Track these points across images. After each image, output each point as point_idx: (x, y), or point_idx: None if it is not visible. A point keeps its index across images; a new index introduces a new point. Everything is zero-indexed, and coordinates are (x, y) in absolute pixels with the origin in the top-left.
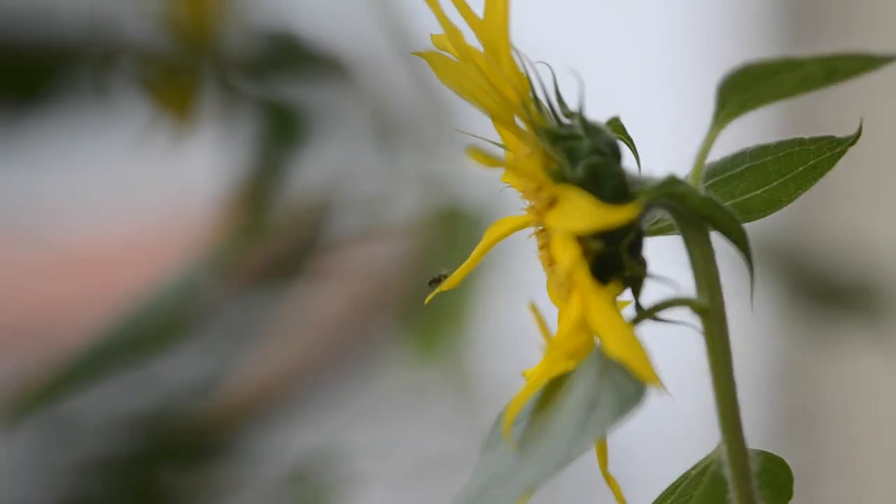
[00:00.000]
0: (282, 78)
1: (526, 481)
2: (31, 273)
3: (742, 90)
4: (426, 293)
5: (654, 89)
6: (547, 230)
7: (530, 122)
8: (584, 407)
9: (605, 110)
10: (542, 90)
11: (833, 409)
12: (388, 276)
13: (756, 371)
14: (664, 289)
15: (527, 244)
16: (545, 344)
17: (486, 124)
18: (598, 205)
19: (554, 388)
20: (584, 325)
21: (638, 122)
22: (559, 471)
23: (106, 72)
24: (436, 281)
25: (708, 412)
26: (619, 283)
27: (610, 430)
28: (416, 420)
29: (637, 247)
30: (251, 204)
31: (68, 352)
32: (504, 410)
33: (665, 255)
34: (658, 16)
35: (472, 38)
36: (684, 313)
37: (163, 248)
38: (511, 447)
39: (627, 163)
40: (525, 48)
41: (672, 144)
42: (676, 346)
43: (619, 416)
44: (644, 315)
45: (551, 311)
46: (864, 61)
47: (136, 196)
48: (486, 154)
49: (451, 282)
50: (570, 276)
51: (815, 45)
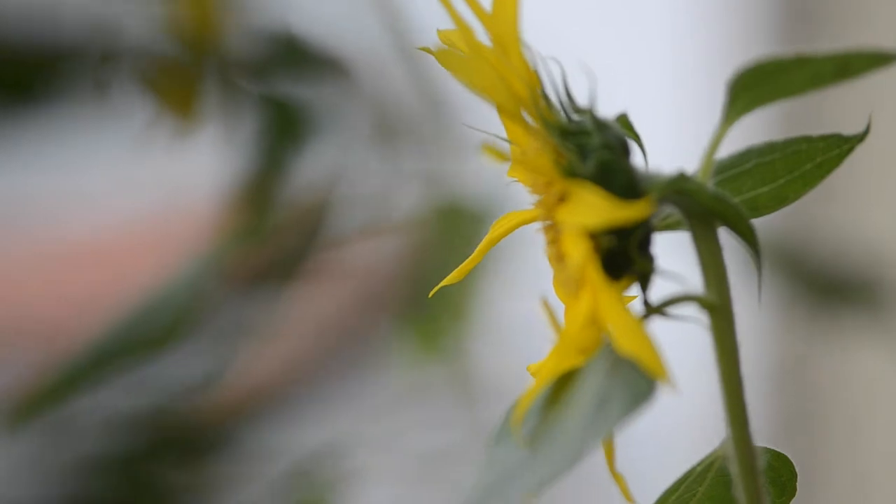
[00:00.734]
0: (283, 78)
1: (538, 478)
2: (32, 271)
3: (752, 87)
4: (426, 290)
5: (661, 86)
6: (556, 226)
7: (540, 118)
8: (594, 403)
9: (612, 107)
10: (552, 86)
11: (837, 405)
12: (388, 273)
13: (760, 367)
14: (672, 285)
15: (527, 239)
16: (555, 339)
17: (487, 122)
18: (611, 201)
19: (563, 385)
20: (595, 320)
21: (645, 119)
22: (572, 467)
23: (107, 70)
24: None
25: (713, 408)
26: (628, 278)
27: (621, 426)
28: (417, 416)
29: (646, 243)
30: (252, 202)
31: (69, 353)
32: (513, 406)
33: (673, 251)
34: (665, 12)
35: (481, 33)
36: (692, 309)
37: (164, 246)
38: (521, 444)
39: (635, 159)
40: (534, 44)
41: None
42: (683, 342)
43: (629, 413)
44: (652, 311)
45: (556, 307)
46: (876, 58)
47: (138, 194)
48: (499, 150)
49: (456, 276)
50: (581, 272)
51: (819, 43)
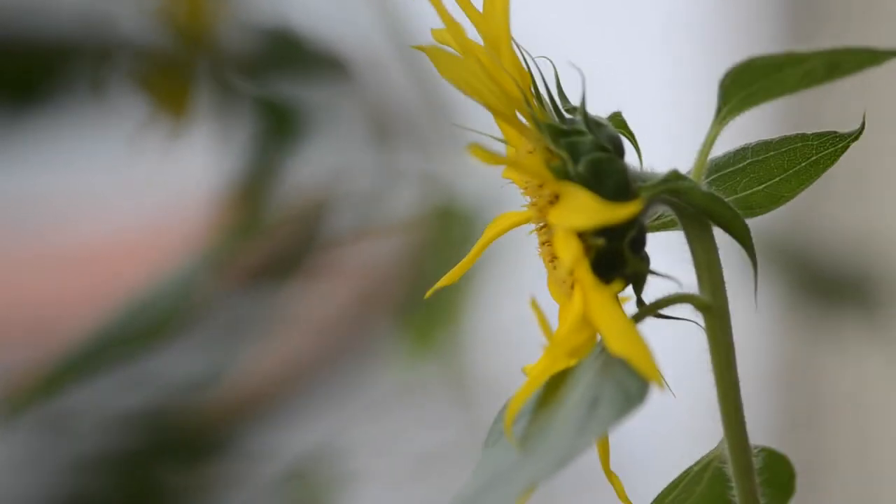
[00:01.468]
0: (279, 75)
1: (528, 479)
2: (28, 270)
3: (745, 85)
4: (423, 290)
5: (655, 85)
6: (548, 227)
7: (532, 118)
8: (585, 404)
9: (606, 106)
10: (544, 85)
11: (835, 405)
12: (385, 273)
13: (758, 367)
14: (667, 285)
15: (523, 240)
16: (547, 341)
17: (485, 121)
18: (601, 201)
19: (555, 385)
20: (586, 321)
21: (640, 118)
22: (562, 468)
23: (103, 69)
24: None
25: (710, 409)
26: (621, 279)
27: (612, 427)
28: (414, 416)
29: (639, 243)
30: (248, 201)
31: (65, 346)
32: (505, 407)
33: (668, 252)
34: (659, 10)
35: (473, 32)
36: (687, 310)
37: (160, 245)
38: (513, 444)
39: (629, 158)
40: (526, 43)
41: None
42: (679, 343)
43: (621, 414)
44: (646, 312)
45: (552, 308)
46: (867, 56)
47: (134, 193)
48: (487, 150)
49: (451, 277)
50: (571, 273)
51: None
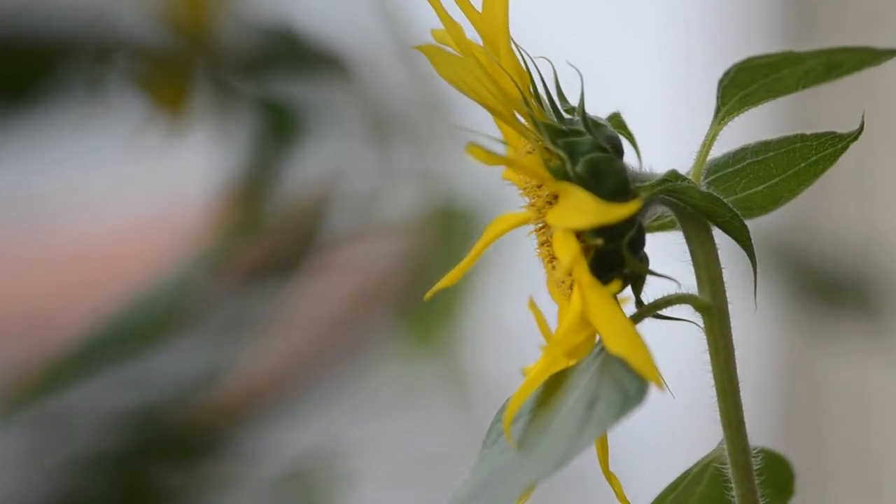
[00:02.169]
0: (279, 74)
1: (526, 479)
2: (26, 269)
3: (743, 86)
4: (423, 290)
5: (655, 84)
6: (547, 227)
7: (531, 118)
8: (584, 404)
9: (606, 105)
10: (543, 85)
11: (835, 406)
12: (384, 273)
13: (758, 368)
14: (666, 285)
15: (523, 241)
16: (545, 341)
17: (485, 121)
18: (599, 201)
19: (554, 385)
20: (585, 322)
21: (639, 118)
22: (560, 468)
23: (101, 68)
24: None
25: (710, 409)
26: (619, 279)
27: (611, 427)
28: (413, 417)
29: (638, 243)
30: (247, 200)
31: (63, 345)
32: (504, 407)
33: (667, 252)
34: (658, 10)
35: (471, 32)
36: (686, 310)
37: (158, 244)
38: (511, 444)
39: (628, 159)
40: (525, 43)
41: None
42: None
43: (620, 414)
44: (645, 312)
45: (551, 309)
46: (866, 56)
47: (132, 192)
48: (486, 150)
49: (451, 279)
50: (570, 273)
51: (816, 39)
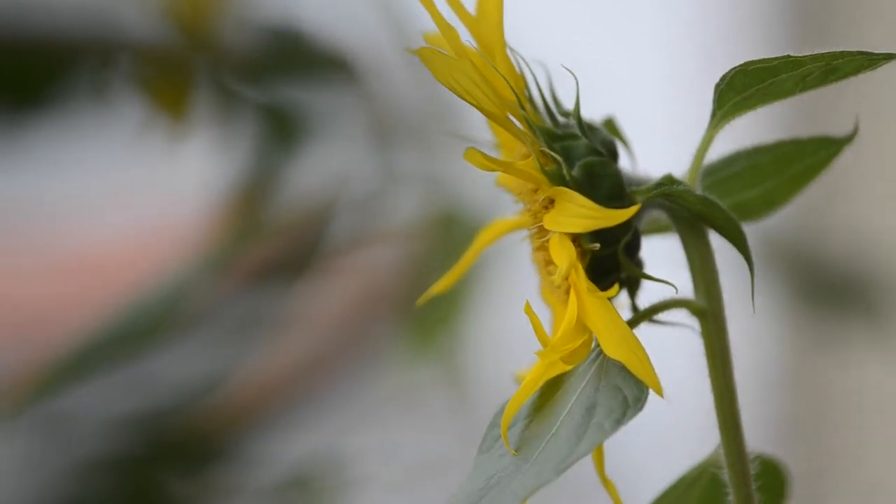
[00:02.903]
0: (282, 76)
1: (527, 486)
2: (28, 273)
3: (741, 90)
4: (423, 295)
5: (651, 88)
6: (543, 232)
7: (526, 121)
8: (582, 410)
9: (604, 107)
10: (538, 89)
11: (835, 410)
12: (387, 277)
13: (759, 372)
14: (663, 290)
15: (522, 245)
16: (542, 346)
17: (487, 126)
18: (595, 206)
19: (551, 390)
20: (582, 326)
21: (638, 120)
22: (558, 475)
23: (104, 71)
24: None
25: (707, 414)
26: (616, 284)
27: (610, 434)
28: (414, 422)
29: (634, 247)
30: (249, 204)
31: (65, 349)
32: (500, 413)
33: (664, 256)
34: (655, 14)
35: (467, 36)
36: (683, 314)
37: (161, 248)
38: (509, 449)
39: (624, 163)
40: (522, 45)
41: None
42: (676, 347)
43: (620, 420)
44: (642, 317)
45: (545, 314)
46: (863, 60)
47: (135, 196)
48: (484, 156)
49: (444, 284)
50: (566, 278)
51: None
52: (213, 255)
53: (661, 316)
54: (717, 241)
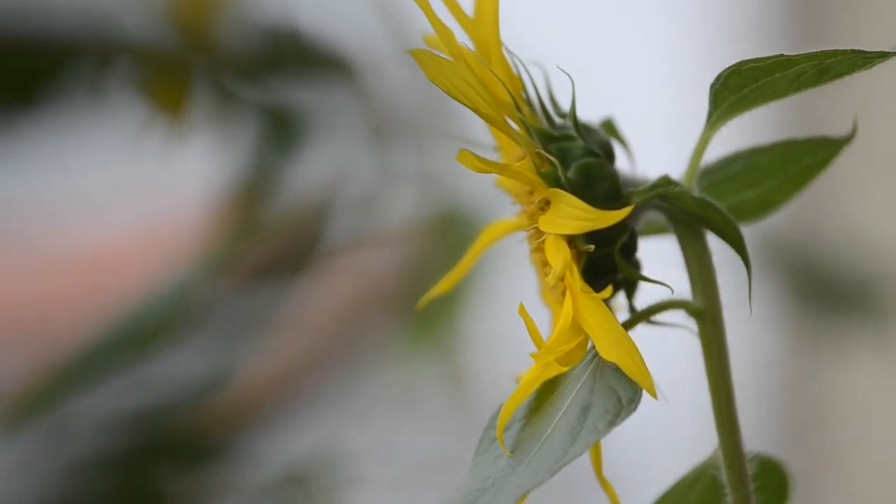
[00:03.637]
0: (280, 76)
1: (521, 487)
2: (28, 274)
3: (735, 90)
4: (422, 294)
5: (648, 89)
6: (539, 233)
7: (522, 123)
8: (577, 411)
9: (602, 107)
10: (535, 90)
11: (835, 410)
12: (385, 277)
13: (757, 373)
14: (660, 291)
15: (521, 246)
16: (537, 348)
17: (483, 127)
18: (588, 207)
19: (547, 392)
20: (577, 328)
21: (632, 123)
22: (553, 475)
23: (103, 70)
24: None
25: (706, 415)
26: (612, 285)
27: (604, 434)
28: (412, 421)
29: (630, 249)
30: (248, 204)
31: (67, 352)
32: (496, 414)
33: (660, 257)
34: (652, 15)
35: (464, 38)
36: (680, 316)
37: (160, 248)
38: (504, 451)
39: (621, 164)
40: (520, 45)
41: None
42: (674, 348)
43: (613, 421)
44: (638, 318)
45: (543, 315)
46: (857, 59)
47: (134, 196)
48: (477, 158)
49: (445, 285)
50: (562, 279)
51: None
52: (211, 254)
53: (658, 317)
54: (714, 242)
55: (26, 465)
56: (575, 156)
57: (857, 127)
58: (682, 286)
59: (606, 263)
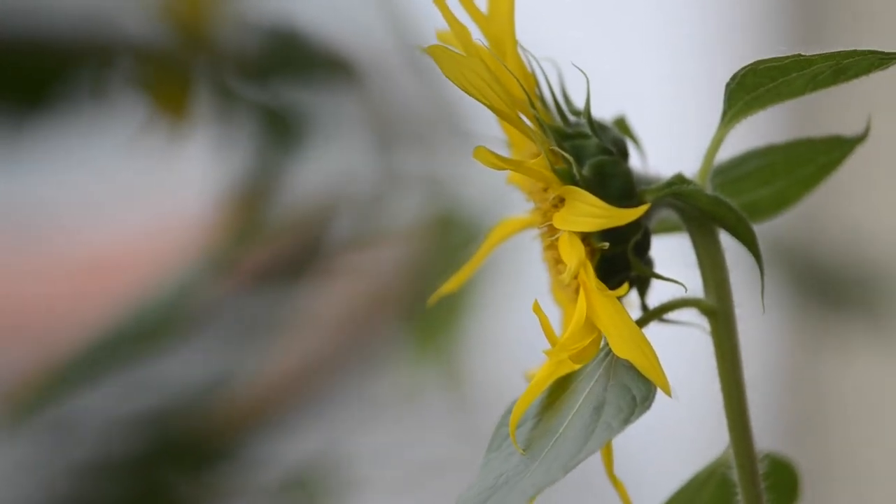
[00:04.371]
0: (282, 77)
1: (535, 484)
2: (30, 275)
3: (751, 89)
4: (426, 295)
5: (661, 88)
6: (553, 231)
7: (536, 120)
8: (590, 408)
9: (613, 107)
10: (549, 88)
11: (841, 410)
12: (388, 278)
13: (765, 372)
14: (672, 289)
15: (525, 245)
16: (551, 345)
17: (491, 126)
18: (604, 205)
19: (559, 389)
20: (591, 325)
21: (645, 121)
22: (567, 473)
23: (105, 72)
24: None
25: (717, 413)
26: (625, 283)
27: (618, 432)
28: (415, 423)
29: (644, 246)
30: (250, 205)
31: (68, 351)
32: (509, 412)
33: (673, 255)
34: (664, 13)
35: (478, 35)
36: (692, 314)
37: (162, 249)
38: (517, 448)
39: (634, 162)
40: (531, 45)
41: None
42: (685, 347)
43: (627, 419)
44: (651, 316)
45: (554, 313)
46: (873, 59)
47: (135, 198)
48: (493, 154)
49: (454, 282)
50: (576, 277)
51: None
52: (213, 256)
53: (670, 315)
54: (723, 239)
55: (31, 467)
56: (589, 153)
57: (870, 126)
58: (694, 284)
59: (620, 261)
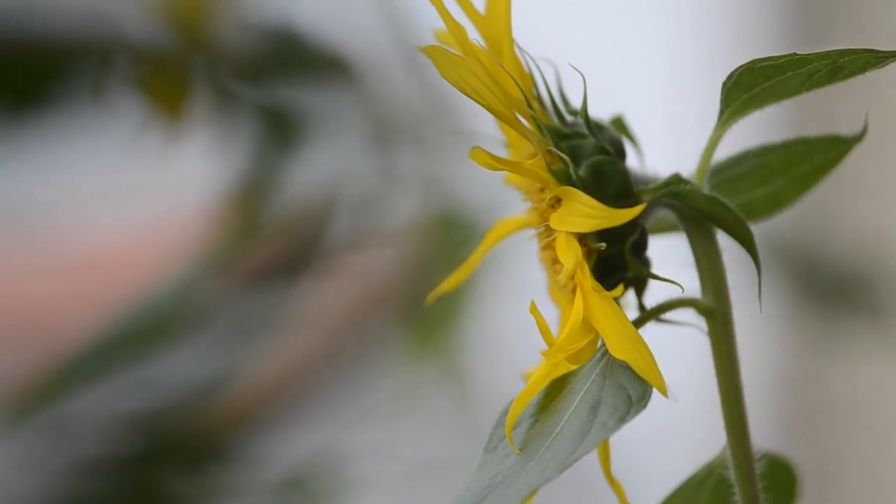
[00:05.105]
0: (280, 77)
1: (530, 483)
2: (29, 275)
3: (748, 88)
4: (424, 295)
5: (658, 87)
6: (550, 231)
7: (533, 120)
8: (587, 408)
9: (610, 107)
10: (546, 87)
11: (841, 409)
12: (386, 277)
13: (762, 372)
14: (670, 289)
15: (524, 245)
16: (548, 345)
17: (489, 126)
18: (600, 205)
19: (556, 390)
20: (588, 326)
21: (642, 121)
22: (562, 472)
23: (103, 71)
24: None
25: (714, 413)
26: (622, 283)
27: (614, 432)
28: (414, 422)
29: (641, 247)
30: (248, 205)
31: (68, 351)
32: (506, 412)
33: (670, 256)
34: (661, 13)
35: (475, 35)
36: (690, 314)
37: (161, 249)
38: (514, 449)
39: (631, 162)
40: (528, 44)
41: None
42: (683, 347)
43: (623, 418)
44: (648, 316)
45: (552, 313)
46: (870, 58)
47: (133, 197)
48: (490, 155)
49: (453, 282)
50: (573, 277)
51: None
52: (212, 255)
53: (668, 315)
54: (721, 239)
55: (30, 466)
56: (586, 153)
57: (867, 125)
58: (691, 285)
59: (617, 261)
